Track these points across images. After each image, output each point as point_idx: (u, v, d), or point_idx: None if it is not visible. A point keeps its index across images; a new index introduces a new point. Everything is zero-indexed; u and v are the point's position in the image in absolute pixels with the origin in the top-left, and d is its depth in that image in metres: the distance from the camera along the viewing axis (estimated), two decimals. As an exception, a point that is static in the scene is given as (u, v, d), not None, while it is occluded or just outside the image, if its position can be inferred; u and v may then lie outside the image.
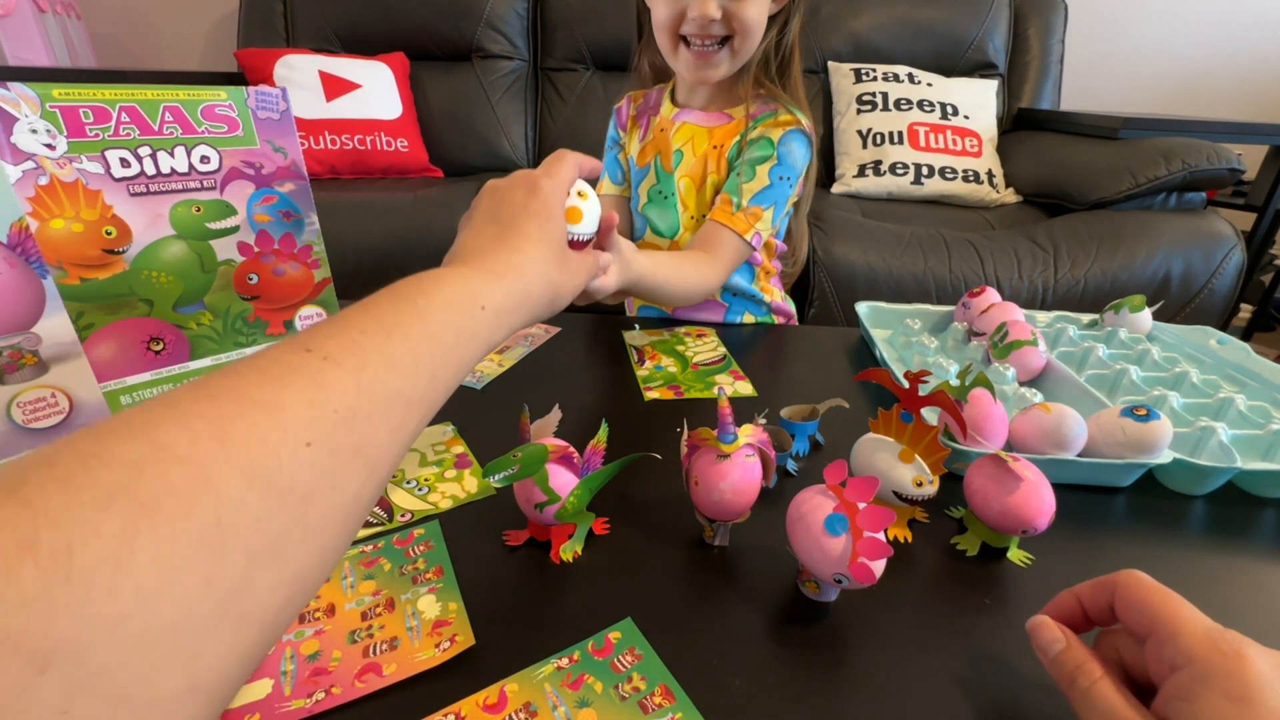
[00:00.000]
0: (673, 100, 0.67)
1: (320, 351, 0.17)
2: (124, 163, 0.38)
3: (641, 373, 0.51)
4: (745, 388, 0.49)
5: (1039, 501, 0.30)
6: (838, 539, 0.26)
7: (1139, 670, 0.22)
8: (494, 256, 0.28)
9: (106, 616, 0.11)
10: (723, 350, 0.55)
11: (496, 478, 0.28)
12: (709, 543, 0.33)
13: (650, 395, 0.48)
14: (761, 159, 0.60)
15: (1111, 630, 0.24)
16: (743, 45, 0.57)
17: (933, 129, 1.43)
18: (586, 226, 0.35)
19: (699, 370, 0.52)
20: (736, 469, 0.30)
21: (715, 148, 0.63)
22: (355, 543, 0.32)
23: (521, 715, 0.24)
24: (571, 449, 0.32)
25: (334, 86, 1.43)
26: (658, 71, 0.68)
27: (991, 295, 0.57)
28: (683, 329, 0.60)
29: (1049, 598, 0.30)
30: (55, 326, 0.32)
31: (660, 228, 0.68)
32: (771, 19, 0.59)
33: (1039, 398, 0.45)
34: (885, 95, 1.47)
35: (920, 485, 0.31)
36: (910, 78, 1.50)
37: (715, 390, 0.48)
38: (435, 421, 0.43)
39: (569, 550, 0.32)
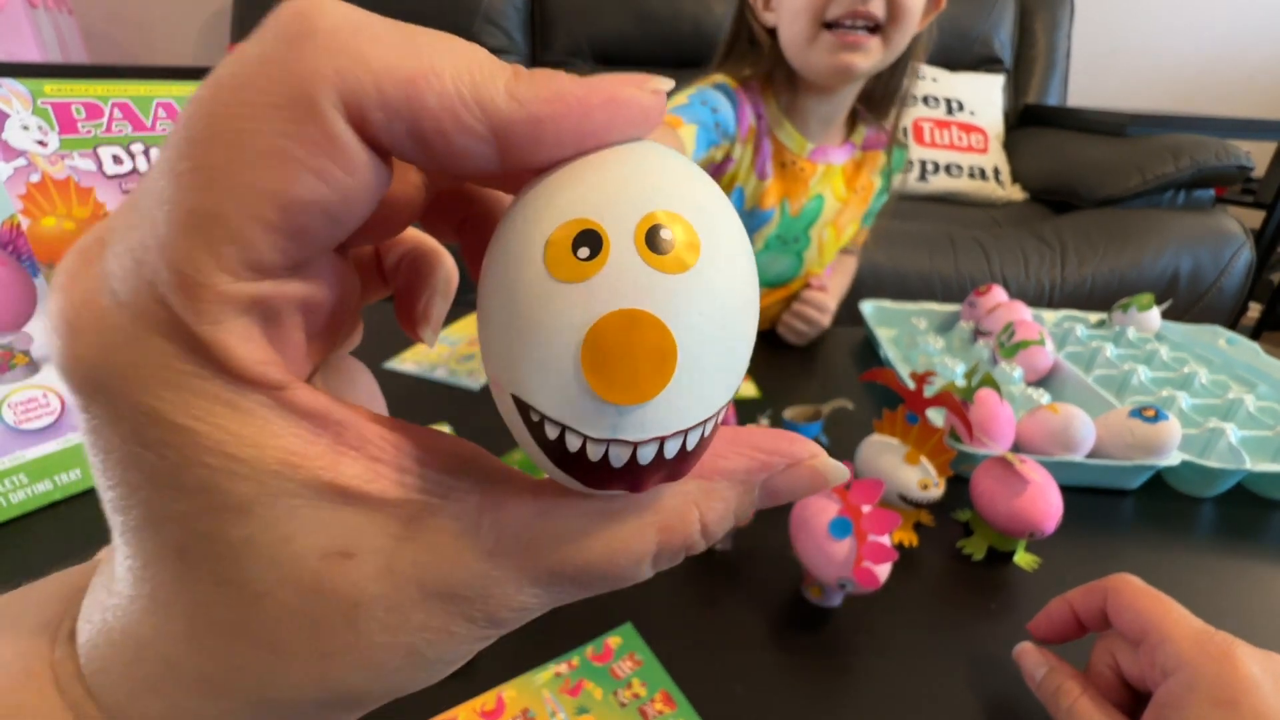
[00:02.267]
0: (790, 123, 0.56)
1: None
2: (117, 160, 0.37)
3: None
4: (749, 389, 0.48)
5: (1046, 504, 0.30)
6: (842, 543, 0.25)
7: (1136, 675, 0.22)
8: None
9: None
10: None
11: (494, 481, 0.28)
12: (711, 546, 0.32)
13: None
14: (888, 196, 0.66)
15: (1107, 635, 0.23)
16: (897, 34, 0.47)
17: (938, 125, 1.42)
18: None
19: None
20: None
21: (855, 191, 0.60)
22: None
23: (519, 723, 0.23)
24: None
25: (334, 82, 1.42)
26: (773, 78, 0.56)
27: (998, 294, 0.56)
28: None
29: (1057, 603, 0.30)
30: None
31: (766, 275, 0.61)
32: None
33: (1046, 398, 0.44)
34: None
35: (926, 488, 0.31)
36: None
37: None
38: (432, 421, 0.43)
39: (568, 553, 0.31)
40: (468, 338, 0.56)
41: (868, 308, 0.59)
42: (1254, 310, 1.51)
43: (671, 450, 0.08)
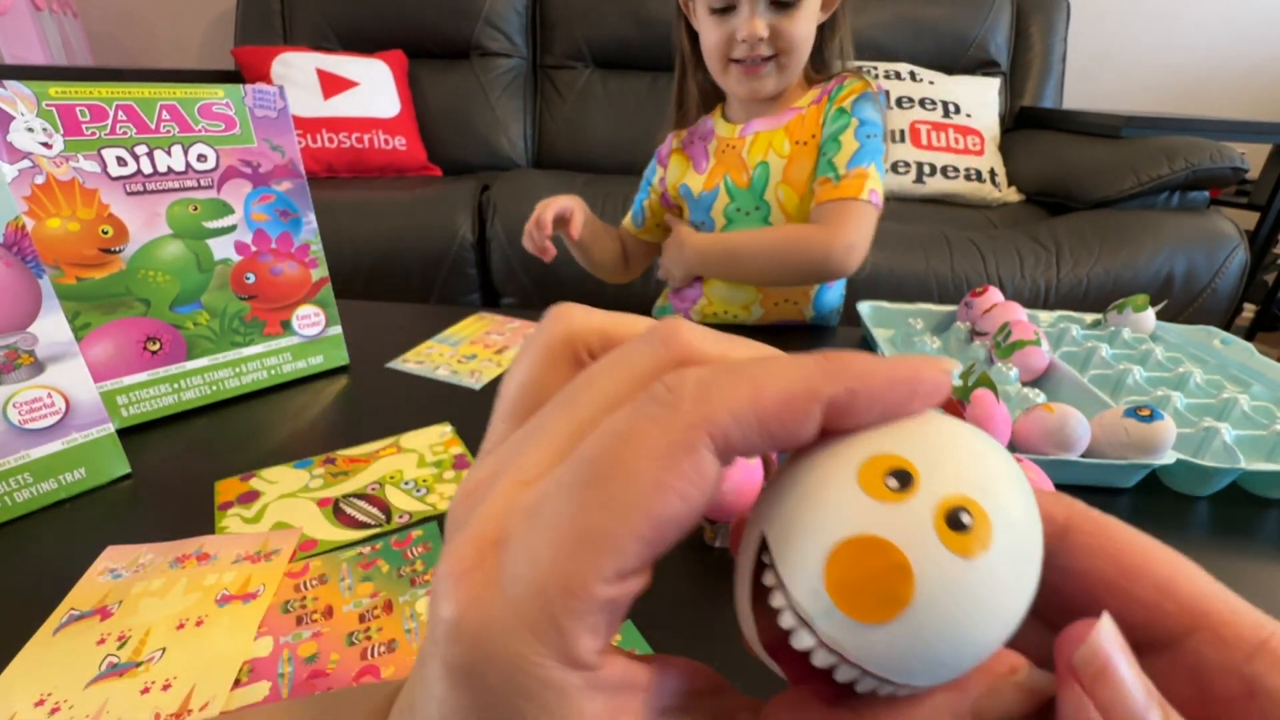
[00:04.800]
0: (725, 118, 0.67)
1: None
2: (121, 161, 0.37)
3: None
4: None
5: (1042, 503, 0.30)
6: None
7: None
8: None
9: None
10: None
11: (495, 479, 0.28)
12: (709, 544, 0.33)
13: None
14: (841, 128, 0.59)
15: None
16: (789, 61, 0.58)
17: (935, 127, 1.43)
18: None
19: None
20: (738, 469, 0.30)
21: (800, 143, 0.62)
22: (353, 545, 0.32)
23: (520, 719, 0.23)
24: (571, 450, 0.32)
25: (332, 84, 1.42)
26: (707, 95, 0.68)
27: (994, 295, 0.56)
28: None
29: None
30: (51, 326, 0.32)
31: None
32: (820, 26, 0.60)
33: (1042, 398, 0.45)
34: (887, 93, 1.46)
35: (923, 487, 0.31)
36: (912, 76, 1.49)
37: None
38: (433, 421, 0.43)
39: (569, 552, 0.31)
40: (469, 338, 0.57)
41: (865, 308, 0.59)
42: (1248, 311, 1.52)
43: (883, 691, 0.08)
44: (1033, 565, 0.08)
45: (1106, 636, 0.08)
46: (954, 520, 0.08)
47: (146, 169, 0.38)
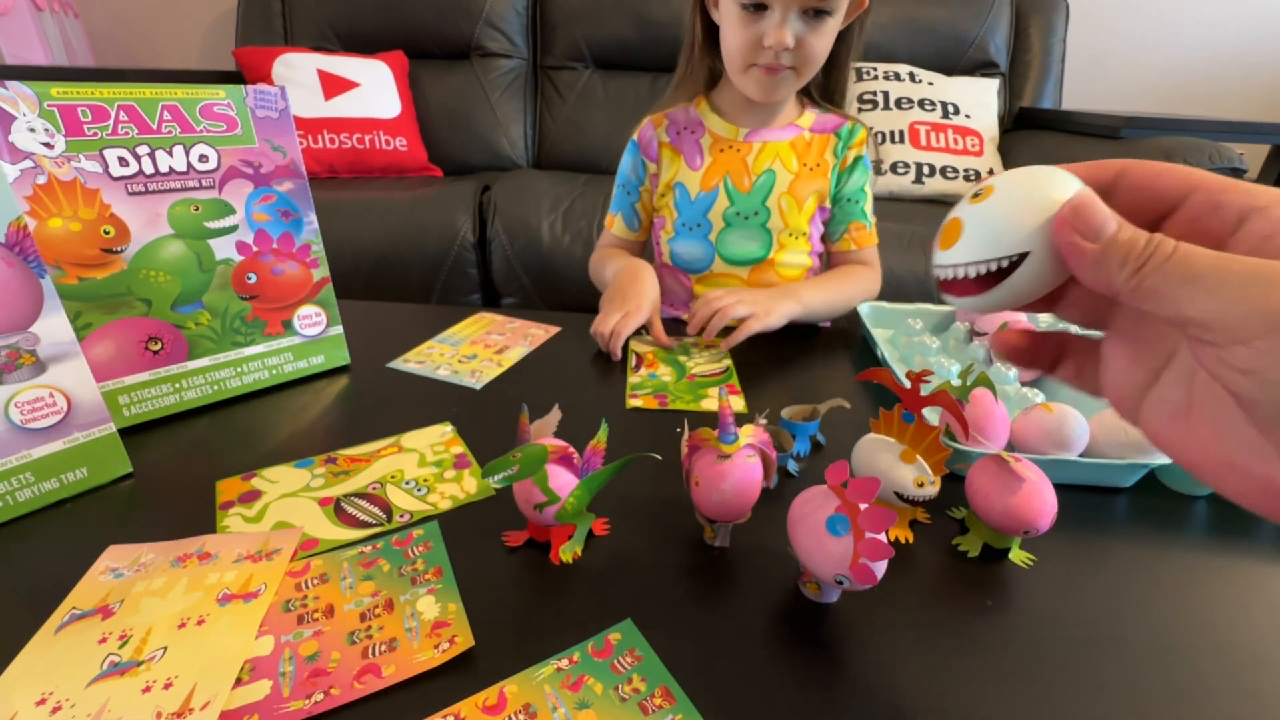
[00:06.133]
0: (720, 115, 0.67)
1: None
2: (122, 161, 0.37)
3: (633, 380, 0.50)
4: (738, 403, 0.47)
5: (1041, 502, 0.30)
6: (839, 540, 0.26)
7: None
8: None
9: None
10: (727, 363, 0.53)
11: (496, 478, 0.28)
12: (709, 543, 0.33)
13: (633, 403, 0.46)
14: (865, 180, 0.70)
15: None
16: (806, 72, 0.60)
17: (934, 128, 1.43)
18: None
19: (694, 381, 0.50)
20: (737, 469, 0.30)
21: (808, 166, 0.66)
22: (354, 544, 0.32)
23: (521, 717, 0.24)
24: (571, 449, 0.32)
25: (333, 85, 1.42)
26: (709, 81, 0.68)
27: (993, 295, 0.56)
28: (691, 338, 0.58)
29: (1051, 599, 0.30)
30: (53, 326, 0.32)
31: (738, 254, 0.67)
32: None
33: (1041, 398, 0.45)
34: (886, 94, 1.46)
35: (922, 486, 0.31)
36: (911, 76, 1.49)
37: (702, 404, 0.46)
38: (434, 421, 0.43)
39: (569, 551, 0.31)
40: (469, 338, 0.57)
41: (865, 308, 0.60)
42: (1248, 312, 1.52)
43: (972, 273, 0.18)
44: (1027, 205, 0.17)
45: (1080, 194, 0.16)
46: (975, 194, 0.18)
47: (148, 169, 0.38)
